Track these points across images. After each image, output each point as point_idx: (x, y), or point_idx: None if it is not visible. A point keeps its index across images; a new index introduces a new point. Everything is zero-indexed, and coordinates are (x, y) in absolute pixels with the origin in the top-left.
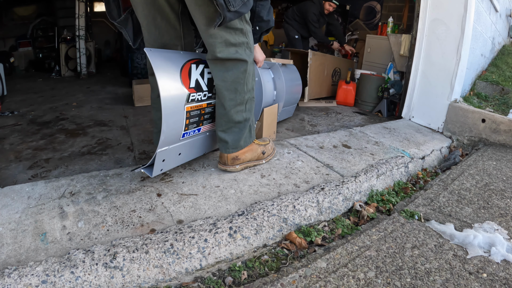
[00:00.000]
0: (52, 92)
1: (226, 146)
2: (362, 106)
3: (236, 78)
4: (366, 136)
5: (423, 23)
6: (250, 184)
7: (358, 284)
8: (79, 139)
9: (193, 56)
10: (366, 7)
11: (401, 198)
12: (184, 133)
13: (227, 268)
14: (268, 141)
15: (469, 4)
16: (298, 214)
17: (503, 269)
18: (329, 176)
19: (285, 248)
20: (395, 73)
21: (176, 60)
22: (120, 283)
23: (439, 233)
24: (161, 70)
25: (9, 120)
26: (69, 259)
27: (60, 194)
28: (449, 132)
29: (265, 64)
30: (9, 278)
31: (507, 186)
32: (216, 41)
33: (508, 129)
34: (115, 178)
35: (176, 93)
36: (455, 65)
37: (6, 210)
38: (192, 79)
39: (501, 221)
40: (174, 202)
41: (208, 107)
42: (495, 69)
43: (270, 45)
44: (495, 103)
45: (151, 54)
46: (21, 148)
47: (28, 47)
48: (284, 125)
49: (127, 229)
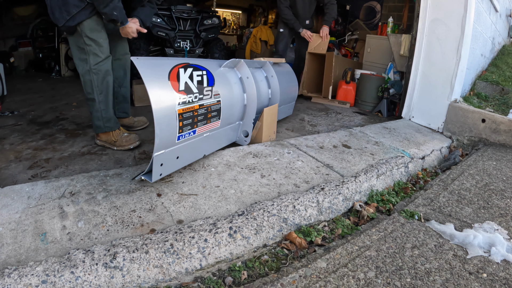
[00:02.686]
0: (52, 92)
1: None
2: (362, 106)
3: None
4: (366, 136)
5: (423, 23)
6: (250, 184)
7: (358, 284)
8: (79, 139)
9: (181, 61)
10: (366, 7)
11: (401, 198)
12: (179, 136)
13: (227, 268)
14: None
15: (469, 4)
16: (298, 214)
17: (503, 269)
18: (329, 176)
19: (285, 248)
20: (395, 73)
21: (163, 65)
22: (120, 283)
23: (439, 233)
24: (149, 76)
25: (9, 120)
26: (69, 259)
27: (60, 194)
28: (449, 132)
29: (257, 63)
30: (9, 278)
31: (507, 186)
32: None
33: (508, 129)
34: (115, 178)
35: (166, 97)
36: (455, 65)
37: (6, 210)
38: (181, 82)
39: (501, 221)
40: (174, 202)
41: (200, 109)
42: (495, 69)
43: (270, 45)
44: (495, 103)
45: (138, 62)
46: (21, 148)
47: (28, 47)
48: (284, 125)
49: (127, 229)
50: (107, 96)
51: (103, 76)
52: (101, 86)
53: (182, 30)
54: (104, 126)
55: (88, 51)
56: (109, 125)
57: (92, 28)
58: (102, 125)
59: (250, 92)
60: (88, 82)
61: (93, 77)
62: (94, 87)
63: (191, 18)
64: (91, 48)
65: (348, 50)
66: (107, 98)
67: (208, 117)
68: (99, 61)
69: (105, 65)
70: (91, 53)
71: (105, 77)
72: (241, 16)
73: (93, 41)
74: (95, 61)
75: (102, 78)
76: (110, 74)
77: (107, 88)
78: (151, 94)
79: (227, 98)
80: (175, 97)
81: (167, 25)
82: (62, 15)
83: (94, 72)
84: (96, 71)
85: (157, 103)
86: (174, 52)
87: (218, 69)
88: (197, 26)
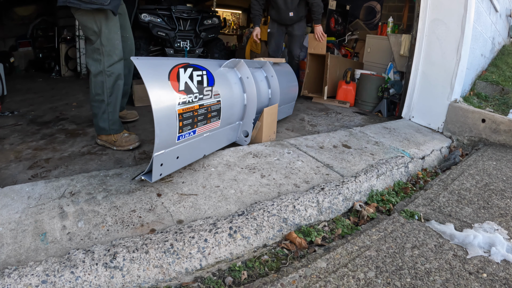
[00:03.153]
0: (52, 92)
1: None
2: (362, 106)
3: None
4: (366, 136)
5: (423, 23)
6: (250, 184)
7: (358, 284)
8: (79, 139)
9: (181, 61)
10: (366, 7)
11: (401, 198)
12: (179, 136)
13: (227, 268)
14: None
15: (469, 4)
16: (298, 214)
17: (503, 269)
18: (329, 176)
19: (285, 248)
20: (395, 73)
21: (163, 65)
22: (120, 283)
23: (439, 233)
24: (149, 76)
25: (9, 120)
26: (69, 259)
27: (60, 194)
28: (449, 132)
29: (257, 63)
30: (9, 278)
31: (507, 186)
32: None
33: (508, 129)
34: (115, 178)
35: (166, 97)
36: (455, 65)
37: (6, 210)
38: (181, 82)
39: (501, 221)
40: (174, 202)
41: (200, 109)
42: (495, 69)
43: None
44: (495, 103)
45: (138, 62)
46: (21, 148)
47: (28, 47)
48: (284, 125)
49: (127, 229)
50: (116, 99)
51: (115, 79)
52: (111, 89)
53: (182, 30)
54: (110, 129)
55: (103, 52)
56: (114, 128)
57: (110, 28)
58: (108, 127)
59: (250, 92)
60: (100, 83)
61: (106, 78)
62: (105, 89)
63: (191, 18)
64: (107, 49)
65: (348, 50)
66: (116, 101)
67: (208, 117)
68: (113, 62)
69: (118, 67)
70: (106, 54)
71: (117, 80)
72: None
73: (110, 42)
74: (109, 62)
75: (114, 81)
76: (122, 78)
77: (118, 91)
78: (151, 94)
79: (227, 98)
80: (175, 97)
81: (167, 25)
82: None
83: (107, 74)
84: (109, 73)
85: (157, 103)
86: (174, 52)
87: (218, 69)
88: (197, 26)
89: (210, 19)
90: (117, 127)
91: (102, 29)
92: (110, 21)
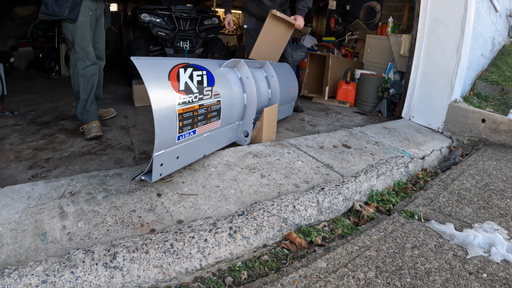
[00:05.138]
0: (52, 92)
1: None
2: (362, 106)
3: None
4: (366, 136)
5: (423, 23)
6: (250, 184)
7: (358, 284)
8: (79, 139)
9: (181, 61)
10: (366, 7)
11: (401, 198)
12: (179, 136)
13: (227, 268)
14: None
15: (469, 4)
16: (298, 214)
17: (503, 269)
18: (329, 176)
19: (285, 248)
20: (395, 73)
21: (163, 65)
22: (120, 283)
23: (439, 233)
24: (149, 76)
25: (9, 120)
26: (69, 259)
27: (60, 194)
28: (449, 132)
29: (257, 63)
30: (9, 278)
31: (507, 186)
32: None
33: (508, 129)
34: (115, 178)
35: (166, 97)
36: (455, 65)
37: (6, 210)
38: (181, 82)
39: (501, 221)
40: (174, 202)
41: (200, 109)
42: (495, 69)
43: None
44: (495, 103)
45: (138, 62)
46: (21, 148)
47: (28, 47)
48: (284, 125)
49: (127, 229)
50: (90, 95)
51: (89, 79)
52: (85, 87)
53: (182, 30)
54: (83, 118)
55: (77, 57)
56: (86, 118)
57: (83, 38)
58: (81, 117)
59: (250, 92)
60: (76, 82)
61: (81, 79)
62: (81, 87)
63: (191, 18)
64: (80, 55)
65: (348, 50)
66: (89, 96)
67: (208, 117)
68: (86, 66)
69: (91, 70)
70: (80, 59)
71: (90, 80)
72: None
73: (83, 49)
74: (83, 66)
75: (87, 81)
76: (96, 78)
77: (91, 88)
78: (151, 94)
79: (227, 98)
80: (175, 97)
81: (167, 25)
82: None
83: (82, 75)
84: (83, 74)
85: (157, 103)
86: (174, 52)
87: (218, 69)
88: (197, 26)
89: (210, 19)
90: (89, 116)
91: (75, 38)
92: (82, 31)
